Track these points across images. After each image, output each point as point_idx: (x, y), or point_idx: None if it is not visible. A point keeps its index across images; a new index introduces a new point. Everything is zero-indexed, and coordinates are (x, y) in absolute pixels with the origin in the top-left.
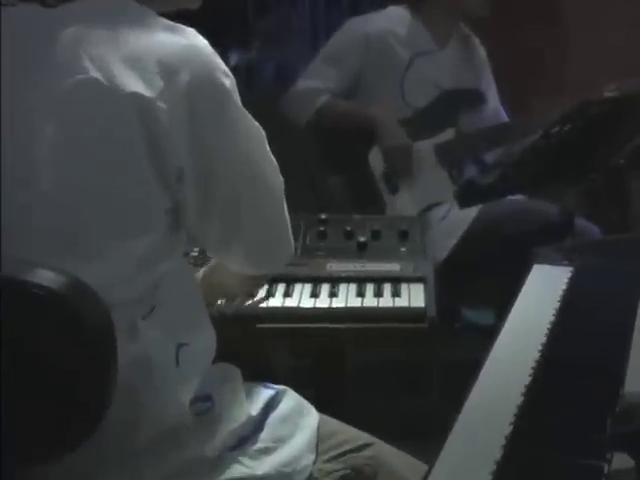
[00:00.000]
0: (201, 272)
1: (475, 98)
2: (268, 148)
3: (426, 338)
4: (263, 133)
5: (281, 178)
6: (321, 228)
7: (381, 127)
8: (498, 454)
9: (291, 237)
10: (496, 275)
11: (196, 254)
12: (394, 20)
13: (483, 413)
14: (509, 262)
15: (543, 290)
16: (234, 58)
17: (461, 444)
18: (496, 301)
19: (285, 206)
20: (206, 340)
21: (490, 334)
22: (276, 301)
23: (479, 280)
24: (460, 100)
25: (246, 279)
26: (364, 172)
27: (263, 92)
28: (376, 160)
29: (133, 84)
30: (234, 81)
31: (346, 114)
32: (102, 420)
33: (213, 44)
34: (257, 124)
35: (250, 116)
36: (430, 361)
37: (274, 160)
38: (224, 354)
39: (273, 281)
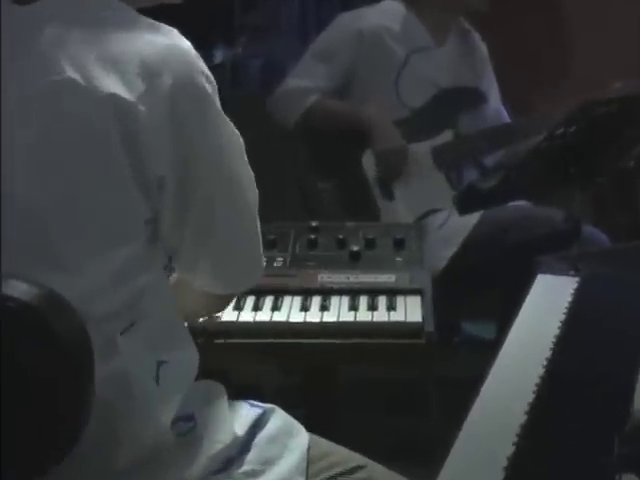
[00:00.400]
0: None
1: (475, 97)
2: (246, 158)
3: (423, 354)
4: (242, 141)
5: (256, 191)
6: (311, 236)
7: (374, 128)
8: (500, 476)
9: (262, 255)
10: (498, 286)
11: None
12: (388, 15)
13: (484, 433)
14: (512, 272)
15: (548, 301)
16: (219, 54)
17: (461, 466)
18: (498, 314)
19: (258, 222)
20: (188, 356)
21: (492, 349)
22: (264, 315)
23: (480, 291)
24: (459, 99)
25: (211, 300)
26: (357, 176)
27: (249, 91)
28: (370, 163)
29: (112, 86)
30: (215, 86)
31: (337, 114)
32: (79, 437)
33: (197, 40)
34: (237, 132)
35: (231, 124)
36: (428, 378)
37: (251, 171)
38: (207, 371)
39: (260, 293)
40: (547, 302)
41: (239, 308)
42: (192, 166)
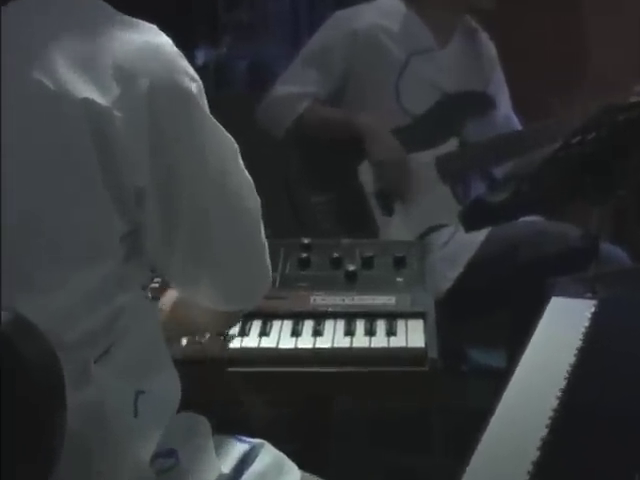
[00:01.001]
0: (161, 304)
1: (483, 103)
2: (242, 164)
3: (426, 383)
4: (236, 146)
5: (257, 198)
6: (303, 255)
7: (371, 137)
8: None
9: (269, 267)
10: (508, 310)
11: (157, 285)
12: (386, 13)
13: (492, 471)
14: (523, 294)
15: (562, 327)
16: (201, 55)
17: None
18: (508, 340)
19: (262, 231)
20: (169, 386)
21: (501, 378)
22: (251, 341)
23: (488, 315)
24: (465, 105)
25: (217, 315)
26: (353, 189)
27: (235, 95)
28: (367, 175)
29: (84, 89)
30: (201, 86)
31: (331, 122)
32: (51, 471)
33: (178, 39)
34: (229, 136)
35: (221, 127)
36: (431, 410)
37: (249, 177)
38: (190, 402)
39: (248, 317)
40: (562, 327)
41: (224, 335)
42: (176, 176)
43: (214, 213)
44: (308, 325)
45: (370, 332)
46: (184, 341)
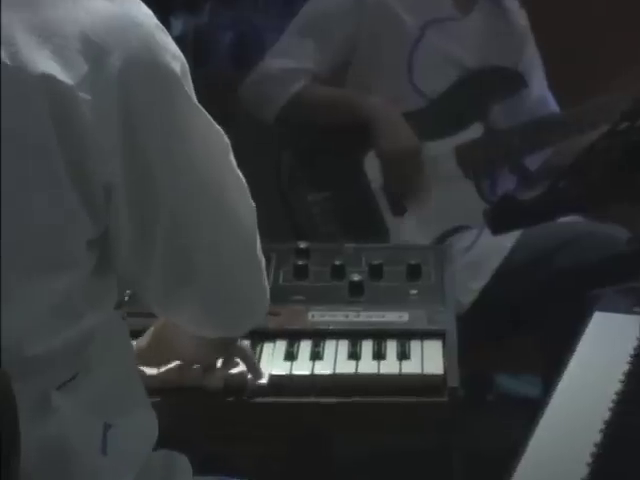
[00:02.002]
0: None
1: (512, 81)
2: (234, 162)
3: (446, 416)
4: (227, 141)
5: (252, 204)
6: (299, 262)
7: (381, 122)
8: None
9: (266, 287)
10: (543, 328)
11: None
12: None
13: None
14: (561, 309)
15: (607, 347)
16: (178, 25)
17: None
18: (542, 364)
19: (258, 243)
20: (144, 421)
21: (534, 409)
22: (237, 366)
23: (519, 335)
24: (490, 84)
25: (208, 343)
26: (358, 185)
27: (216, 72)
28: (374, 168)
29: (45, 64)
30: (186, 66)
31: (332, 104)
32: None
33: (150, 4)
34: (218, 128)
35: (208, 116)
36: (451, 449)
37: (242, 179)
38: (168, 439)
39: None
40: (606, 348)
41: (213, 365)
42: (152, 175)
43: (198, 222)
44: (305, 347)
45: (379, 355)
46: (162, 369)
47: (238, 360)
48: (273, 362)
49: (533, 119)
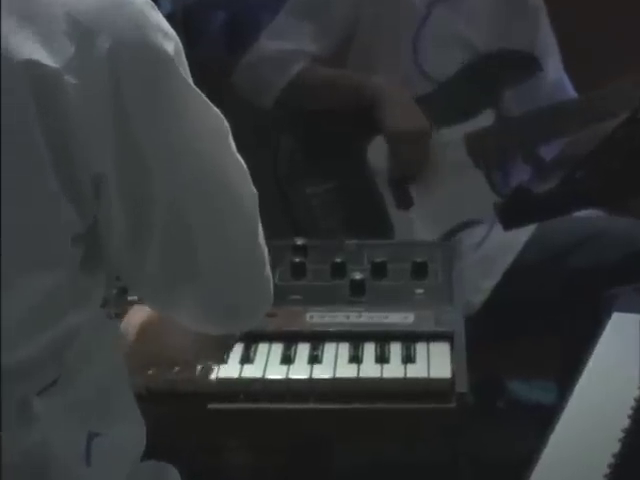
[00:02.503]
0: (125, 323)
1: (525, 64)
2: (234, 147)
3: (453, 424)
4: (226, 125)
5: (253, 189)
6: (297, 260)
7: (387, 102)
8: None
9: (269, 278)
10: (558, 330)
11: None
12: None
13: None
14: (577, 310)
15: (626, 350)
16: (166, 4)
17: None
18: (557, 368)
19: (260, 232)
20: (131, 428)
21: (548, 418)
22: (230, 370)
23: (532, 337)
24: (502, 67)
25: (203, 340)
26: (360, 176)
27: (208, 55)
28: (378, 157)
29: (29, 48)
30: (180, 47)
31: (333, 86)
32: None
33: None
34: (217, 111)
35: (206, 100)
36: (458, 458)
37: (243, 165)
38: (156, 447)
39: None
40: (625, 351)
41: (209, 365)
42: (146, 163)
43: (197, 211)
44: (303, 349)
45: (382, 359)
46: (149, 372)
47: None
48: (268, 366)
49: (548, 105)
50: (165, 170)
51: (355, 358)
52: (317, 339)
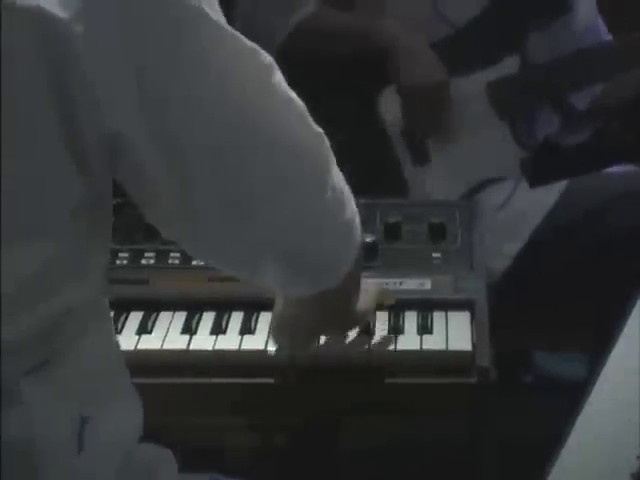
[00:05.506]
0: None
1: (554, 4)
2: (282, 82)
3: (474, 400)
4: (268, 59)
5: (315, 129)
6: None
7: (401, 50)
8: None
9: (350, 220)
10: (589, 300)
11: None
12: None
13: None
14: (610, 278)
15: None
16: None
17: None
18: (588, 341)
19: (334, 173)
20: (126, 411)
21: (578, 393)
22: (228, 341)
23: (561, 307)
24: (528, 9)
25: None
26: (371, 129)
27: None
28: (391, 108)
29: None
30: None
31: (341, 32)
32: None
33: None
34: (251, 45)
35: (238, 37)
36: (480, 438)
37: (298, 101)
38: (151, 430)
39: (223, 308)
40: None
41: (189, 330)
42: (171, 114)
43: (252, 168)
44: None
45: (396, 329)
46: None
47: None
48: (270, 337)
49: (579, 50)
50: (197, 121)
51: (366, 329)
52: None
